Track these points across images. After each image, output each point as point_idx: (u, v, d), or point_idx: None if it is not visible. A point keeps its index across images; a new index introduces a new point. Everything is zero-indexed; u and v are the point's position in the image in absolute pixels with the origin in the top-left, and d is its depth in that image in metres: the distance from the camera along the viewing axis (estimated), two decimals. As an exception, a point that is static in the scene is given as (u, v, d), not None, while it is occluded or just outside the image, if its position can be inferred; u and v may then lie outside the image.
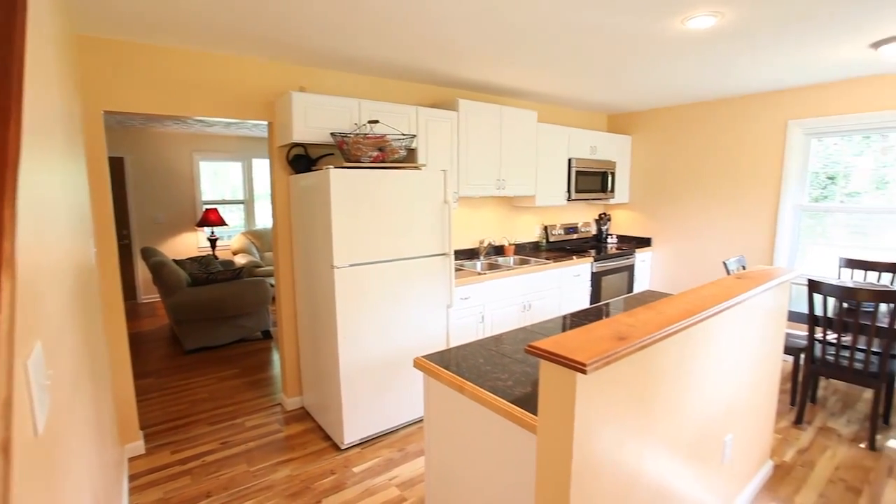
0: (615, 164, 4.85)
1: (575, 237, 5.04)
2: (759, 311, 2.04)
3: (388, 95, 3.48)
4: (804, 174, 3.94)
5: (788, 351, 3.19)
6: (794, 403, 3.20)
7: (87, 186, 2.28)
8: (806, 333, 3.33)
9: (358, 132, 2.91)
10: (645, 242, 5.04)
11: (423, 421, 2.80)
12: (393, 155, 2.75)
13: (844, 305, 2.83)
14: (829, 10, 2.18)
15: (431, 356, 1.77)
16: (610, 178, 4.78)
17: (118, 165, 6.20)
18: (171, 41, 2.54)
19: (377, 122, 2.82)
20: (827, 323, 2.82)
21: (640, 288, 4.90)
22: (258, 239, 6.95)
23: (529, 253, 4.44)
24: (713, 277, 4.58)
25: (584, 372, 1.03)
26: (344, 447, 2.71)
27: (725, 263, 3.47)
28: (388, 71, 3.23)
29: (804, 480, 2.41)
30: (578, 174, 4.44)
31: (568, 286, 4.08)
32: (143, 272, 6.47)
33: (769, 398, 2.34)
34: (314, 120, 2.78)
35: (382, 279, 2.71)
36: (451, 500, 1.66)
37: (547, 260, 4.00)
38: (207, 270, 5.05)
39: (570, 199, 4.44)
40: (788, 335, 3.43)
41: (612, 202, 5.05)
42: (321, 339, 2.79)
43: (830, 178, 3.83)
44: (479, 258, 4.09)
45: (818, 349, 2.99)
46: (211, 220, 6.49)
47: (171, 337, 4.95)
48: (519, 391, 1.45)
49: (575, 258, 4.12)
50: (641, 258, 4.85)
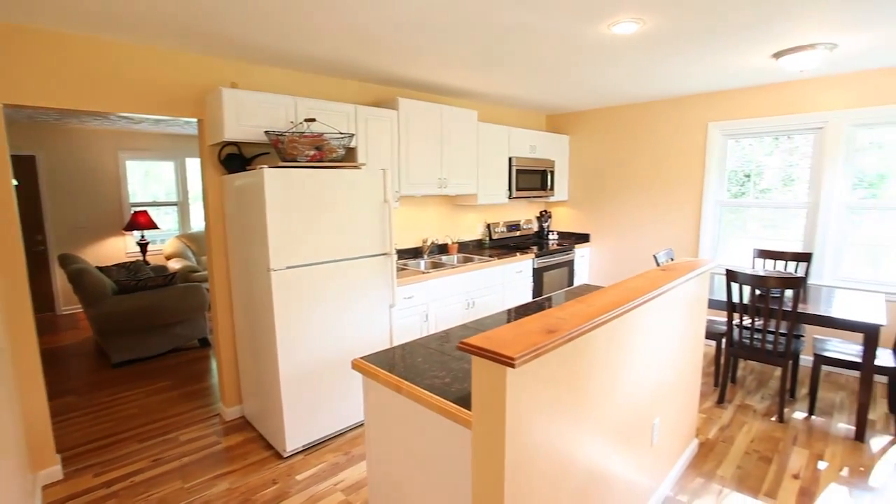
0: (554, 162, 5.02)
1: (517, 234, 5.16)
2: (682, 300, 2.19)
3: (326, 93, 3.40)
4: (723, 172, 4.26)
5: (711, 336, 3.44)
6: (717, 384, 3.46)
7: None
8: (726, 319, 3.61)
9: (294, 131, 2.82)
10: (583, 238, 5.25)
11: (368, 423, 2.77)
12: (331, 154, 2.69)
13: (757, 292, 3.10)
14: (733, 23, 2.39)
15: (370, 357, 1.76)
16: (549, 176, 4.93)
17: (29, 164, 5.66)
18: (82, 29, 2.35)
19: (314, 120, 2.75)
20: (743, 309, 3.07)
21: (579, 282, 5.11)
22: (194, 242, 6.58)
23: (473, 251, 4.50)
24: (645, 269, 4.85)
25: (512, 366, 1.06)
26: (287, 455, 2.63)
27: (655, 256, 3.69)
28: (324, 68, 3.16)
29: (725, 455, 2.61)
30: (519, 172, 4.55)
31: (511, 282, 4.17)
32: (62, 281, 5.95)
33: (693, 381, 2.51)
34: (247, 118, 2.67)
35: (322, 281, 2.65)
36: (393, 500, 1.66)
37: (490, 257, 4.07)
38: (136, 277, 4.73)
39: (511, 197, 4.54)
40: (711, 322, 3.71)
41: (552, 199, 5.22)
42: (260, 344, 2.69)
43: (747, 175, 4.16)
44: (422, 257, 4.10)
45: (736, 333, 3.25)
46: (140, 223, 6.07)
47: (96, 350, 4.58)
48: (457, 388, 1.47)
49: (518, 255, 4.22)
50: (580, 253, 5.06)
